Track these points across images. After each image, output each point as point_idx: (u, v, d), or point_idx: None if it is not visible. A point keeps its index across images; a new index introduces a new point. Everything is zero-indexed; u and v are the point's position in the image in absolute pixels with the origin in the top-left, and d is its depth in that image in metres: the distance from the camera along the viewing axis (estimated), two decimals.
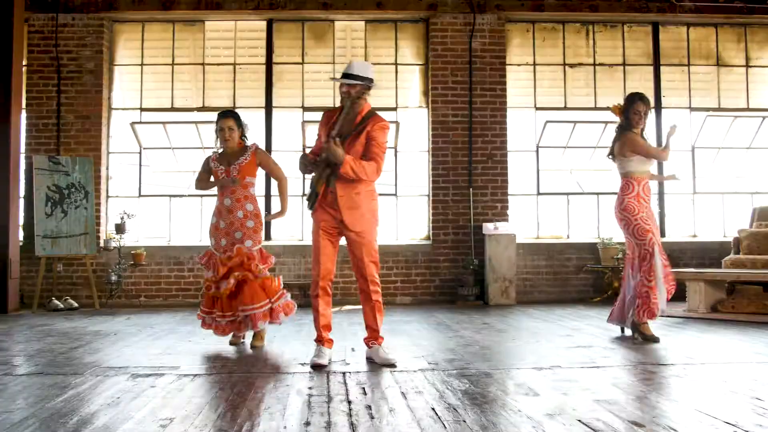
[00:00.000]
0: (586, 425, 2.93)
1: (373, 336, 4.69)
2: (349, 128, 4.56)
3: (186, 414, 3.21)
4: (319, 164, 4.55)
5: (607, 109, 6.20)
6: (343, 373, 4.24)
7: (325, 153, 4.43)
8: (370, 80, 4.59)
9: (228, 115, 5.65)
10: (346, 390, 3.74)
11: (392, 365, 4.47)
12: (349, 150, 4.46)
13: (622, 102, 6.00)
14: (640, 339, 5.58)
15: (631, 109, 5.79)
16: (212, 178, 5.64)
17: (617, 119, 5.98)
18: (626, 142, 5.77)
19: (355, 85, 4.56)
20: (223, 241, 5.47)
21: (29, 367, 4.55)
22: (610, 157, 5.98)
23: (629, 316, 5.74)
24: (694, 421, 2.98)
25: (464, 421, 3.03)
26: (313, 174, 4.63)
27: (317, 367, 4.40)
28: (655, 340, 5.51)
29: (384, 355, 4.58)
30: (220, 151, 5.69)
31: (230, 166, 5.52)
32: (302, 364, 4.56)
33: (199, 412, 3.25)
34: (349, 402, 3.45)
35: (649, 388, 3.72)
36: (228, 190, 5.50)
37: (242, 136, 5.67)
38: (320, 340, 4.63)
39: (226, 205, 5.48)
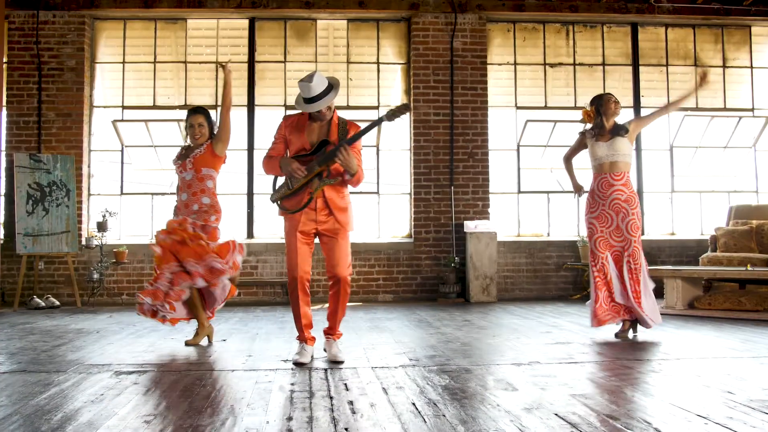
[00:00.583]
0: (562, 419, 3.00)
1: (329, 331, 4.78)
2: (331, 135, 4.61)
3: (169, 410, 3.25)
4: (310, 169, 4.56)
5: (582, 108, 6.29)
6: (325, 370, 4.29)
7: (340, 161, 4.42)
8: (331, 87, 4.59)
9: (198, 111, 5.60)
10: (328, 386, 3.79)
11: (339, 362, 4.54)
12: None
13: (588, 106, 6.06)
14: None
15: (603, 103, 5.83)
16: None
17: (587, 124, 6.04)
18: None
19: (327, 103, 4.56)
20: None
21: (12, 364, 4.56)
22: None
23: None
24: (667, 414, 3.06)
25: (444, 416, 3.09)
26: (295, 179, 4.61)
27: (299, 365, 4.46)
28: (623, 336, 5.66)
29: (336, 351, 4.66)
30: (188, 145, 5.64)
31: (185, 160, 5.48)
32: (284, 361, 4.61)
33: (182, 408, 3.29)
34: (331, 397, 3.50)
35: (625, 383, 3.80)
36: (185, 184, 5.45)
37: (212, 132, 5.63)
38: (302, 339, 4.69)
39: (183, 200, 5.44)
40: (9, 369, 4.38)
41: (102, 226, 9.10)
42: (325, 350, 4.76)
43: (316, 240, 4.77)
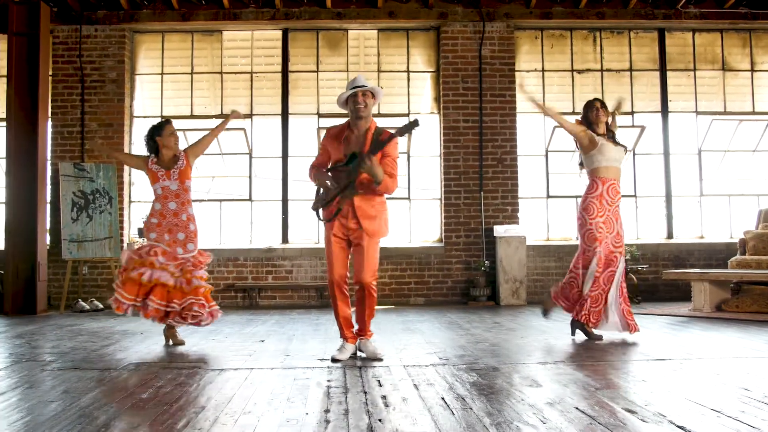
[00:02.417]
0: (582, 412, 3.19)
1: (360, 332, 5.04)
2: (366, 146, 4.88)
3: (217, 403, 3.50)
4: (341, 179, 4.86)
5: (613, 113, 6.33)
6: (360, 368, 4.52)
7: (365, 170, 4.72)
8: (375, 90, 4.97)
9: (171, 121, 5.97)
10: (362, 382, 4.01)
11: (379, 359, 4.79)
12: None
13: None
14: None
15: (589, 110, 5.91)
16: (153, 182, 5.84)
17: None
18: (574, 136, 5.94)
19: (372, 96, 4.91)
20: (166, 236, 5.67)
21: (65, 362, 4.85)
22: (580, 166, 6.09)
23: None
24: (683, 408, 3.24)
25: (471, 409, 3.30)
26: (329, 188, 4.90)
27: (336, 361, 4.75)
28: (598, 338, 5.79)
29: (373, 348, 4.92)
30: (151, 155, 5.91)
31: (170, 170, 5.78)
32: (321, 360, 4.84)
33: (228, 401, 3.54)
34: (365, 393, 3.72)
35: (646, 381, 3.97)
36: (171, 193, 5.76)
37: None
38: (343, 336, 4.99)
39: (172, 209, 5.72)
40: (63, 366, 4.67)
41: (143, 232, 9.40)
42: (361, 350, 5.01)
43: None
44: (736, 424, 2.95)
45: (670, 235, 10.31)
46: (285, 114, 10.21)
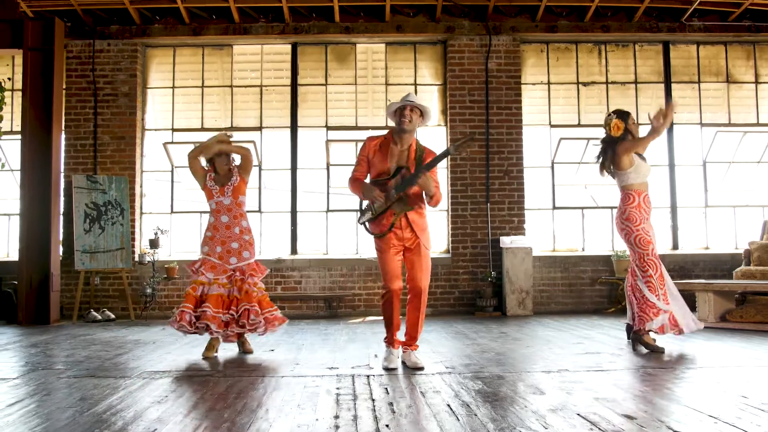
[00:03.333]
0: (583, 418, 3.29)
1: (409, 342, 5.14)
2: (409, 161, 5.06)
3: (230, 409, 3.61)
4: (390, 195, 4.99)
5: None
6: (368, 376, 4.63)
7: (420, 185, 4.89)
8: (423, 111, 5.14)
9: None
10: (370, 390, 4.12)
11: (420, 368, 4.89)
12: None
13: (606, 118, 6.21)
14: (642, 349, 5.76)
15: (629, 122, 6.01)
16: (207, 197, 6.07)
17: (605, 134, 6.10)
18: (621, 152, 5.88)
19: (420, 115, 5.09)
20: (218, 248, 5.86)
21: (80, 370, 4.97)
22: (612, 170, 6.04)
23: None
24: (681, 415, 3.34)
25: (476, 415, 3.41)
26: (381, 202, 5.00)
27: (390, 370, 4.88)
28: (660, 350, 5.66)
29: (415, 359, 5.02)
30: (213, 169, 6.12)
31: (224, 186, 5.99)
32: (330, 369, 4.95)
33: (239, 407, 3.66)
34: (373, 400, 3.83)
35: (647, 389, 4.07)
36: (224, 207, 5.96)
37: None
38: (391, 343, 5.14)
39: (224, 222, 5.93)
40: (79, 374, 4.80)
41: (154, 243, 9.57)
42: (404, 361, 5.11)
43: None
44: (732, 429, 3.04)
45: (675, 246, 10.39)
46: (294, 126, 10.35)
